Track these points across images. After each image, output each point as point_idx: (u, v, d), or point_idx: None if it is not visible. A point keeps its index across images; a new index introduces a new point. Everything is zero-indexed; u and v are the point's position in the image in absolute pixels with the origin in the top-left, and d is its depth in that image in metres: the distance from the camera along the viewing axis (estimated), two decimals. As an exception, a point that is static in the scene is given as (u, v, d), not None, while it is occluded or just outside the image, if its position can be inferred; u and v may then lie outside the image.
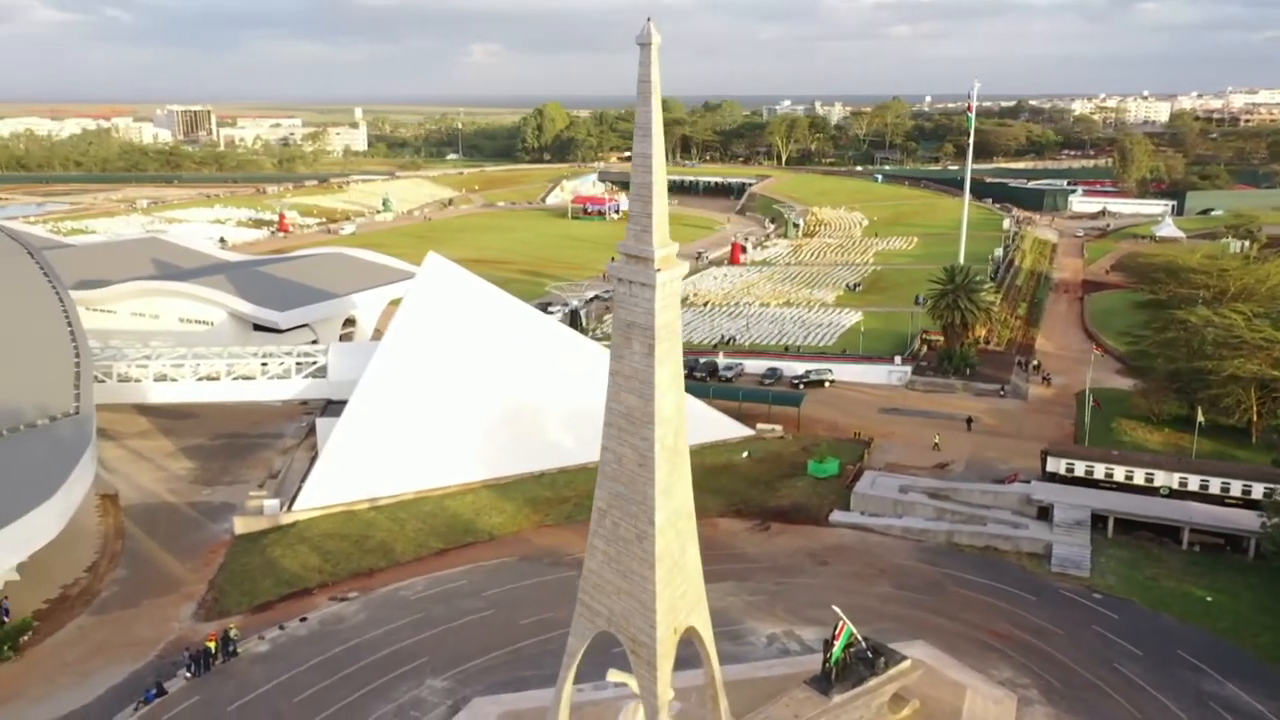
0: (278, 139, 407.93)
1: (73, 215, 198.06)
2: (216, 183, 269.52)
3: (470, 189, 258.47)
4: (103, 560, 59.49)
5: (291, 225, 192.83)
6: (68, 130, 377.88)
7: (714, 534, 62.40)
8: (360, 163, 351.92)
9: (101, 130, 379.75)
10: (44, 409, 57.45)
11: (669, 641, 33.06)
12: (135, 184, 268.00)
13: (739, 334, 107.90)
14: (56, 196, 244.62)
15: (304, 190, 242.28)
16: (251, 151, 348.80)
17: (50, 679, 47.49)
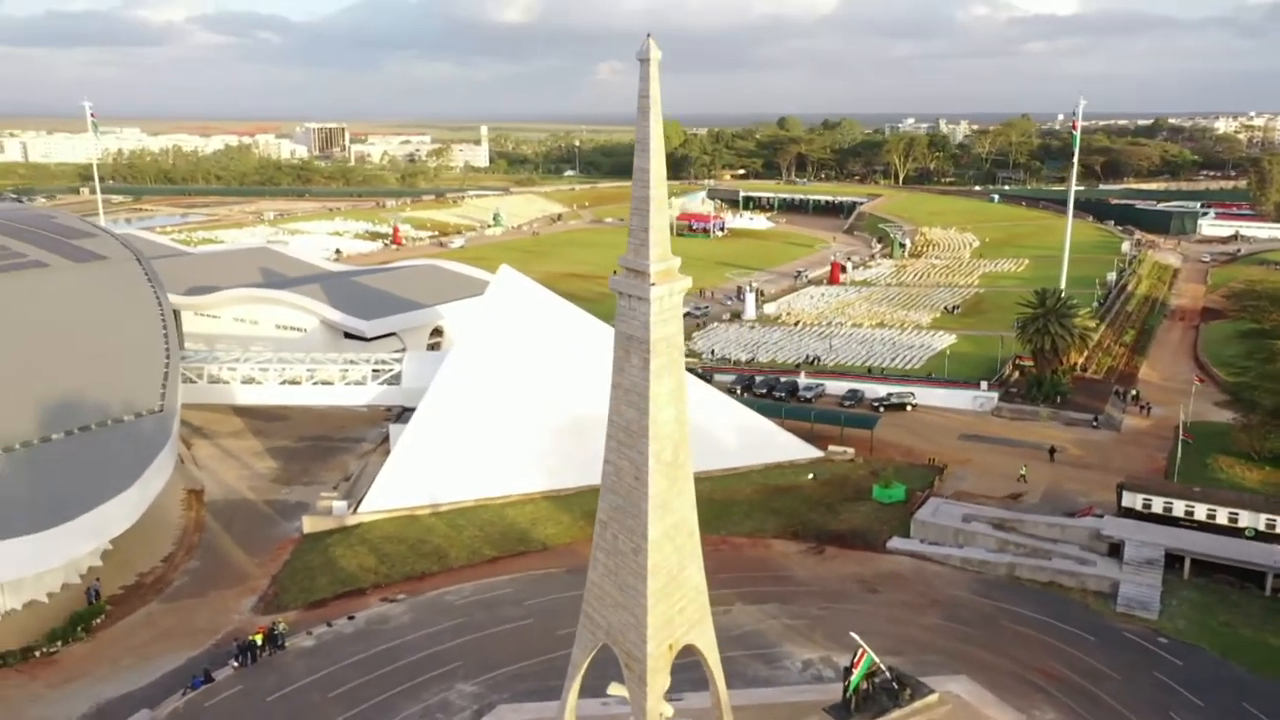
0: (404, 155, 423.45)
1: (205, 226, 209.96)
2: (342, 196, 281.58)
3: (581, 205, 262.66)
4: (179, 551, 62.81)
5: (405, 238, 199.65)
6: (213, 146, 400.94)
7: (766, 555, 61.82)
8: (480, 178, 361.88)
9: (243, 146, 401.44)
10: (131, 405, 61.14)
11: (661, 657, 32.92)
12: (268, 197, 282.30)
13: (823, 354, 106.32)
14: (197, 208, 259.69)
15: (421, 205, 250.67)
16: (378, 167, 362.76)
17: (115, 660, 50.40)
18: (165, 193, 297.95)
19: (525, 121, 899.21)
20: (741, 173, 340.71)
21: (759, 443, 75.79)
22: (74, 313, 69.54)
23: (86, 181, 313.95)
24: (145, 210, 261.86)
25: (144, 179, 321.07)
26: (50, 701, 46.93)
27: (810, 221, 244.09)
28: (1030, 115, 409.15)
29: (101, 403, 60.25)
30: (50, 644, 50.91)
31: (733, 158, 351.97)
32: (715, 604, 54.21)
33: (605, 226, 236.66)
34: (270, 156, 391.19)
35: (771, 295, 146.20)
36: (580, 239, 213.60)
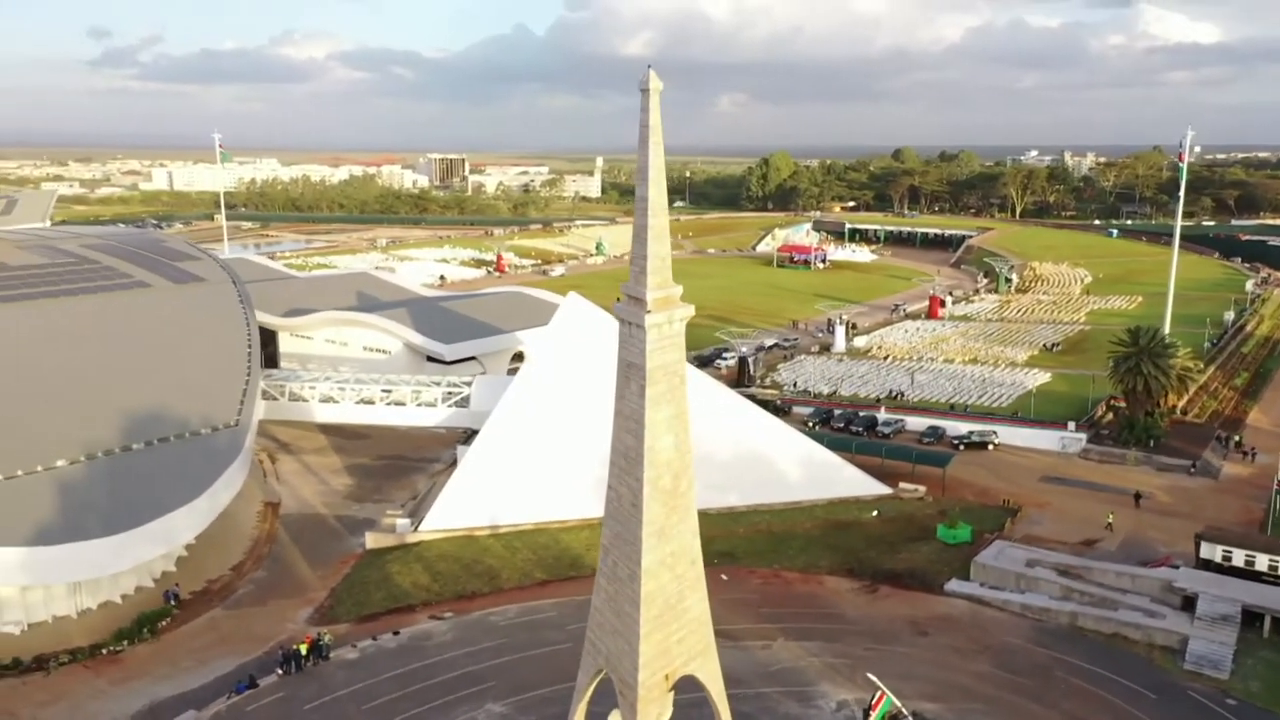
0: (519, 185, 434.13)
1: (322, 251, 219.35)
2: (454, 225, 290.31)
3: (684, 235, 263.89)
4: (248, 560, 65.51)
5: (508, 266, 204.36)
6: (340, 176, 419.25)
7: (816, 591, 60.65)
8: (589, 208, 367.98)
9: (367, 176, 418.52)
10: (208, 420, 64.31)
11: (656, 686, 32.73)
12: (386, 225, 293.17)
13: (906, 390, 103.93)
14: (320, 234, 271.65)
15: (529, 234, 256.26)
16: (491, 197, 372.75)
17: (174, 662, 52.82)
18: (291, 220, 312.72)
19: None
20: (852, 205, 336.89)
21: (824, 477, 74.52)
22: (167, 331, 73.73)
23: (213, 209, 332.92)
24: (271, 236, 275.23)
25: (273, 206, 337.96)
26: (110, 697, 49.47)
27: (917, 255, 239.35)
28: (1162, 147, 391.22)
29: (182, 416, 63.55)
30: (117, 643, 53.71)
31: (843, 189, 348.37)
32: (756, 638, 54.10)
33: (706, 257, 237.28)
34: (392, 186, 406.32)
35: (864, 329, 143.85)
36: (679, 269, 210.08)
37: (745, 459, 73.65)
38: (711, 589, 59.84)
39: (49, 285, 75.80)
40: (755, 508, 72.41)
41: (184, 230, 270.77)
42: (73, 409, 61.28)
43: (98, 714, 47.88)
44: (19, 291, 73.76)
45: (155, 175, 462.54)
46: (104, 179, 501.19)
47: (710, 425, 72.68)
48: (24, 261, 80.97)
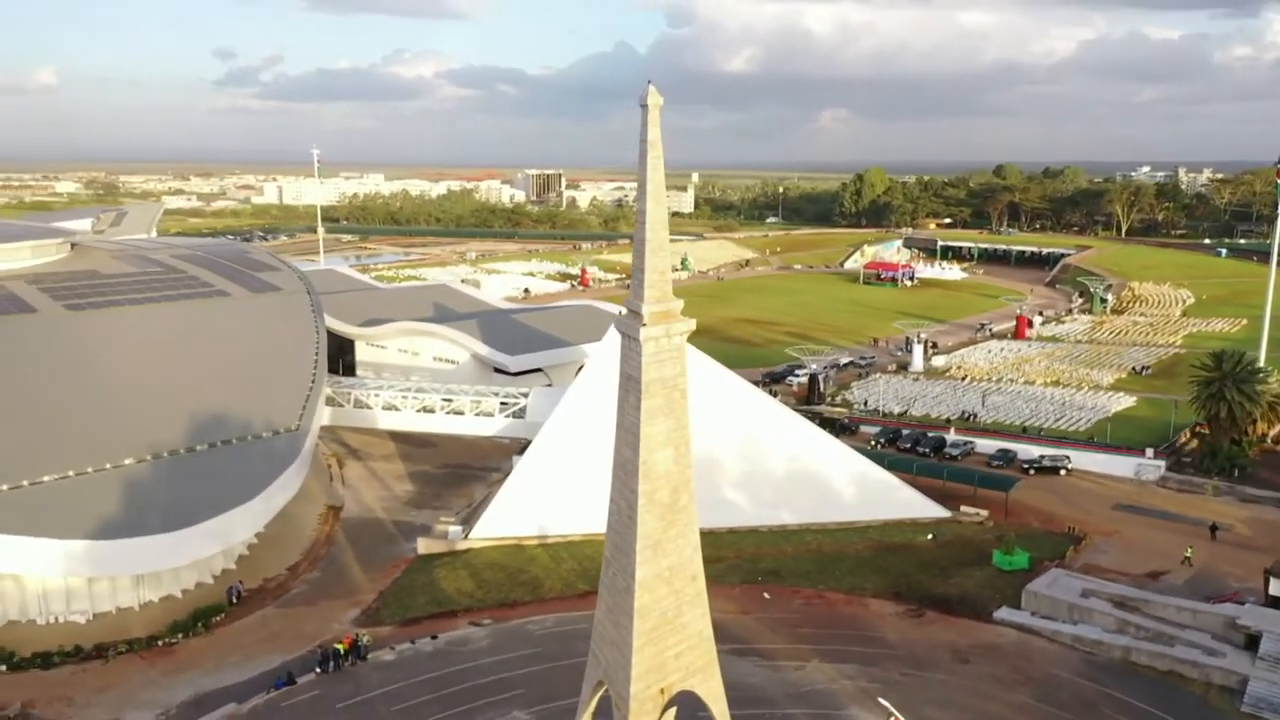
0: (613, 201, 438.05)
1: (414, 264, 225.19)
2: (545, 239, 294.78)
3: (772, 251, 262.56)
4: (304, 561, 67.60)
5: (592, 280, 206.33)
6: (438, 191, 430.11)
7: (859, 613, 59.48)
8: (681, 224, 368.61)
9: (464, 191, 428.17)
10: (270, 424, 66.74)
11: (649, 700, 32.67)
12: (479, 239, 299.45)
13: (979, 411, 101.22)
14: (416, 248, 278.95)
15: (616, 248, 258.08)
16: (584, 212, 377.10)
17: (223, 656, 54.84)
18: (389, 233, 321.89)
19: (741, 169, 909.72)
20: (948, 222, 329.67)
21: (879, 497, 73.13)
22: (241, 337, 76.84)
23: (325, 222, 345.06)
24: (370, 248, 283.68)
25: (374, 220, 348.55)
26: (160, 687, 51.64)
27: (1010, 273, 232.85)
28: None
29: (245, 419, 66.12)
30: (172, 635, 56.08)
31: (939, 205, 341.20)
32: (791, 658, 53.37)
33: (792, 273, 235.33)
34: (488, 201, 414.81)
35: (945, 348, 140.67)
36: (763, 284, 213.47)
37: (799, 477, 72.90)
38: (752, 607, 59.83)
39: (136, 293, 79.83)
40: (808, 526, 71.50)
41: (287, 242, 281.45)
42: (144, 410, 64.38)
43: (147, 703, 50.01)
44: (109, 298, 77.86)
45: (266, 189, 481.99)
46: (220, 193, 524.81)
47: (765, 443, 72.52)
48: (118, 270, 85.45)
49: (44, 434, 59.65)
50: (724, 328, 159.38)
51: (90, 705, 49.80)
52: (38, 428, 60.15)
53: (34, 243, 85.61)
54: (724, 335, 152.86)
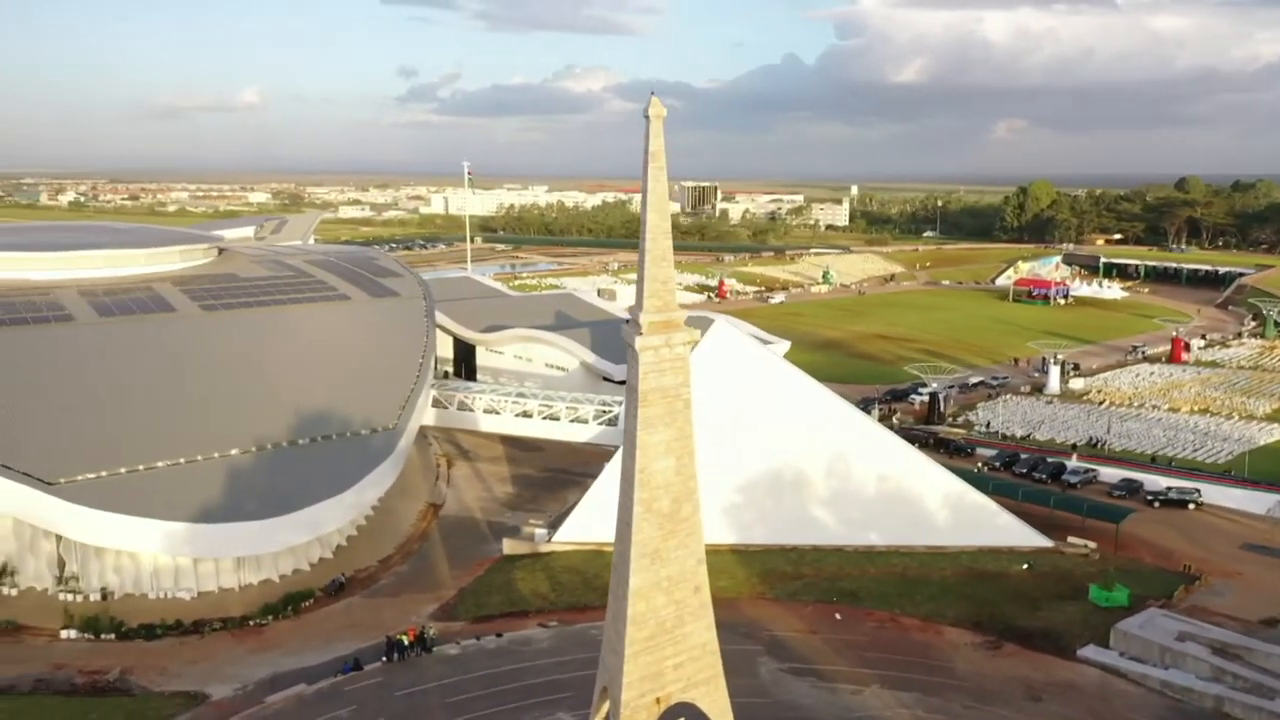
0: (766, 213, 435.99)
1: (556, 274, 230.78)
2: (693, 250, 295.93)
3: (921, 265, 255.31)
4: (396, 555, 70.59)
5: (729, 292, 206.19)
6: (593, 202, 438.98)
7: (933, 641, 57.33)
8: (834, 237, 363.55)
9: (618, 202, 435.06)
10: (369, 422, 70.14)
11: (640, 708, 32.71)
12: (627, 250, 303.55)
13: (1107, 437, 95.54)
14: (565, 257, 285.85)
15: (760, 260, 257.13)
16: (736, 224, 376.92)
17: (305, 639, 58.03)
18: (542, 243, 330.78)
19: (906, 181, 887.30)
20: (1118, 238, 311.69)
21: (974, 522, 70.21)
22: (354, 339, 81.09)
23: (483, 231, 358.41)
24: (521, 257, 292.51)
25: (529, 230, 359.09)
26: (244, 664, 55.14)
27: (1179, 293, 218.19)
28: None
29: (347, 417, 69.73)
30: (263, 616, 59.75)
31: (1110, 220, 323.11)
32: (850, 681, 52.22)
33: (937, 289, 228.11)
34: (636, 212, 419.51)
35: (1089, 370, 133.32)
36: (905, 300, 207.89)
37: (889, 497, 70.89)
38: (821, 627, 58.63)
39: (266, 295, 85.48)
40: (895, 548, 69.38)
41: (445, 250, 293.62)
42: (256, 404, 68.90)
43: (230, 677, 53.47)
44: (240, 300, 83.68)
45: (434, 200, 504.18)
46: (392, 203, 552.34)
47: (856, 461, 71.03)
48: (254, 274, 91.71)
49: (163, 423, 64.72)
50: (855, 343, 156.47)
51: (180, 675, 53.67)
52: (159, 417, 65.31)
53: (183, 247, 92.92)
54: (853, 350, 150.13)
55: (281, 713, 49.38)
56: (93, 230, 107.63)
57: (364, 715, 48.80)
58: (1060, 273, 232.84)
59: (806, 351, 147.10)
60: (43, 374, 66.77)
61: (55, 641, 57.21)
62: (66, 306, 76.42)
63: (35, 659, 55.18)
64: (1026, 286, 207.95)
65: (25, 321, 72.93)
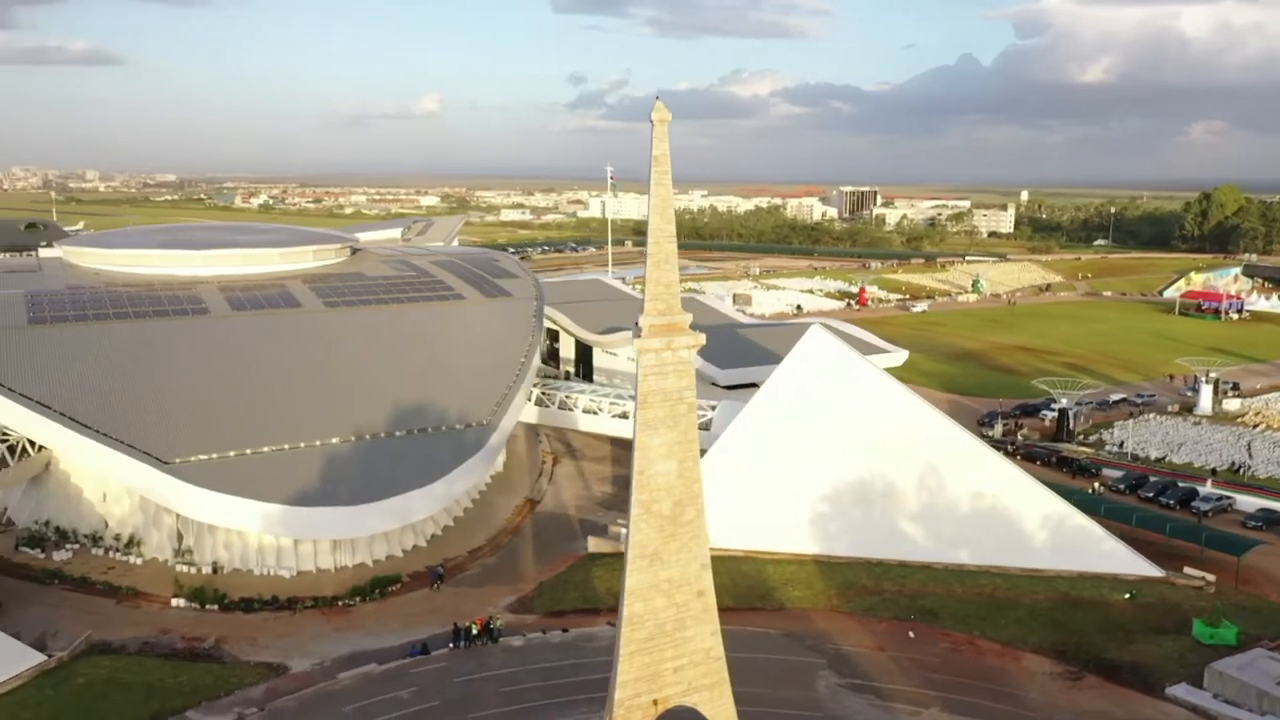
0: (925, 219, 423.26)
1: (696, 278, 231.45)
2: (843, 256, 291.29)
3: (1082, 275, 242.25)
4: (486, 547, 72.90)
5: (870, 300, 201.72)
6: (747, 207, 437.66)
7: (1008, 667, 54.80)
8: (995, 244, 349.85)
9: (772, 207, 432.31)
10: (465, 417, 72.75)
11: (635, 708, 32.99)
12: (775, 255, 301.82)
13: (1250, 462, 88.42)
14: (712, 261, 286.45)
15: (910, 268, 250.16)
16: (890, 230, 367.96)
17: (385, 622, 60.82)
18: (691, 247, 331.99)
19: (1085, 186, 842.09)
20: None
21: (1076, 546, 66.46)
22: (463, 337, 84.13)
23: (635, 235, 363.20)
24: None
25: (679, 234, 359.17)
26: (327, 640, 58.31)
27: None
28: None
29: (444, 412, 72.57)
30: (351, 598, 63.00)
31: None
32: (909, 701, 50.85)
33: (1098, 300, 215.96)
34: (797, 217, 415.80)
35: (1250, 390, 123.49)
36: (1058, 311, 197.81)
37: (985, 515, 68.04)
38: (891, 645, 57.08)
39: (386, 293, 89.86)
40: (986, 568, 66.55)
41: (595, 253, 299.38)
42: (360, 396, 72.61)
43: (311, 652, 56.72)
44: (362, 298, 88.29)
45: (592, 204, 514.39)
46: (553, 207, 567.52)
47: (950, 475, 68.66)
48: (379, 273, 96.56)
49: (273, 410, 69.16)
50: (993, 354, 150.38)
51: (267, 648, 57.29)
52: (270, 405, 69.82)
53: (315, 247, 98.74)
54: (990, 362, 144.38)
55: (349, 689, 52.05)
56: (240, 230, 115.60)
57: (422, 697, 50.86)
58: (1239, 285, 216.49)
59: (939, 362, 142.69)
60: (174, 361, 72.50)
61: (166, 609, 62.10)
62: (205, 300, 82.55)
63: (147, 623, 60.10)
64: (1195, 299, 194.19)
65: (166, 313, 79.27)
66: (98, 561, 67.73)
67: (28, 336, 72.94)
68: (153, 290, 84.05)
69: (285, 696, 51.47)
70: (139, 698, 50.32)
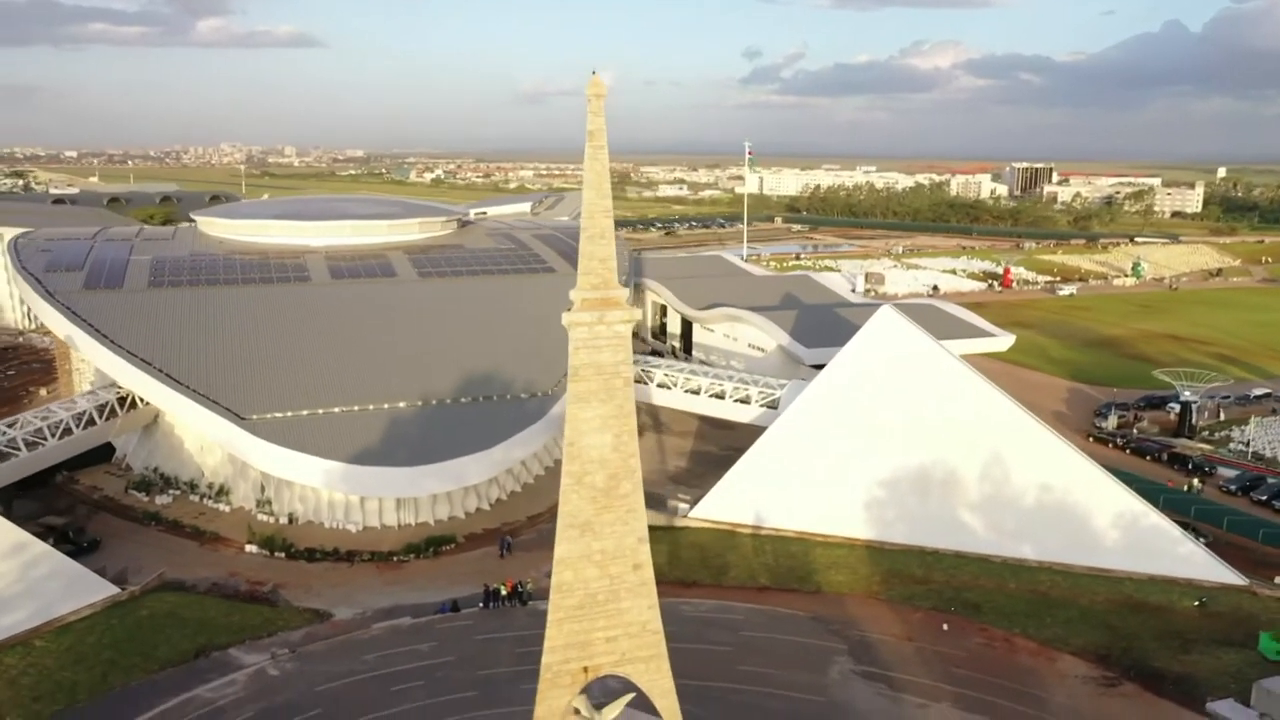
0: (1102, 198, 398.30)
1: (834, 255, 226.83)
2: (1001, 236, 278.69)
3: (1264, 260, 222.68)
4: (546, 514, 74.62)
5: (1015, 280, 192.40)
6: (907, 183, 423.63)
7: (1038, 667, 52.35)
8: (1172, 225, 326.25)
9: (933, 184, 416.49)
10: (529, 387, 74.65)
11: (563, 673, 33.60)
12: (929, 233, 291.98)
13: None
14: (861, 239, 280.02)
15: (1069, 248, 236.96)
16: (1057, 209, 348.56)
17: (432, 579, 63.50)
18: (840, 224, 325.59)
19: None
20: None
21: (1149, 547, 62.33)
22: (543, 309, 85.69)
23: (783, 211, 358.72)
24: (814, 239, 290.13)
25: (832, 211, 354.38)
26: (376, 593, 61.51)
27: None
28: None
29: (510, 381, 74.70)
30: (405, 554, 66.14)
31: None
32: (921, 694, 49.94)
33: (1274, 286, 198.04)
34: (960, 195, 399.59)
35: None
36: (1224, 298, 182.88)
37: (1051, 509, 64.72)
38: (921, 636, 55.62)
39: (479, 265, 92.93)
40: (1048, 565, 63.35)
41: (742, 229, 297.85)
42: (431, 363, 75.67)
43: (357, 602, 60.02)
44: (455, 269, 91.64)
45: (750, 180, 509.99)
46: (713, 183, 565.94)
47: (1016, 466, 65.95)
48: (480, 245, 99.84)
49: (348, 373, 73.05)
50: (1135, 342, 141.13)
51: (320, 595, 60.99)
52: (346, 367, 73.78)
53: (421, 219, 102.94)
54: (1129, 350, 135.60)
55: (377, 639, 54.92)
56: (359, 202, 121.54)
57: (440, 651, 53.11)
58: None
59: (1072, 348, 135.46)
60: (267, 325, 77.61)
61: (240, 554, 66.92)
62: (309, 269, 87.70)
63: (220, 565, 65.03)
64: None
65: (271, 280, 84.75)
66: (192, 507, 73.58)
67: (145, 298, 79.65)
68: (265, 258, 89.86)
69: (319, 641, 54.83)
70: (190, 631, 54.71)
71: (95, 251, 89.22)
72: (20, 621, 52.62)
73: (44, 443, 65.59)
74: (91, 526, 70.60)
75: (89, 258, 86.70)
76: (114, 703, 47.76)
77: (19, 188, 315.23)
